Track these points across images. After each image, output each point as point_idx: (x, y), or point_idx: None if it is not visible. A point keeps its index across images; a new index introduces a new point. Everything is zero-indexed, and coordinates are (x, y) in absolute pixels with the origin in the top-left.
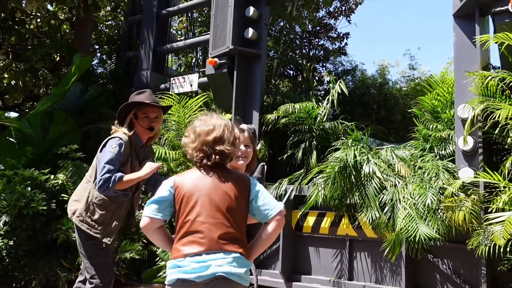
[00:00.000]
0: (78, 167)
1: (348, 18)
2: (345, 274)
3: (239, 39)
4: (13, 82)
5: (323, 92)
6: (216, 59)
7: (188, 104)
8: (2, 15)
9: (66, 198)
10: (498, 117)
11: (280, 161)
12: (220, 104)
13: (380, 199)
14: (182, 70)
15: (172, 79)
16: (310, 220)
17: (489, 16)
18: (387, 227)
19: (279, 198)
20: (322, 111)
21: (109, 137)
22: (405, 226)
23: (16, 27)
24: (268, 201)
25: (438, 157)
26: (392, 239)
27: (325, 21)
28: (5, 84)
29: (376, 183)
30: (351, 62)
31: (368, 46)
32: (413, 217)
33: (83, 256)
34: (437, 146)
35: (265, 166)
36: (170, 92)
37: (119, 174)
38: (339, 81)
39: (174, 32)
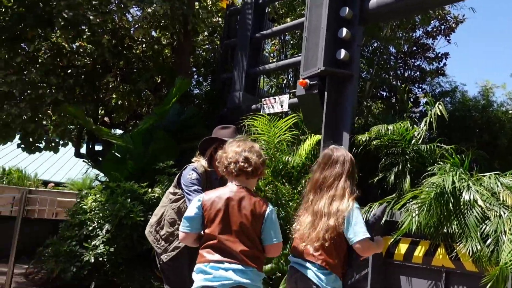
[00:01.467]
0: (172, 183)
1: (447, 38)
2: None
3: (331, 60)
4: (119, 102)
5: (418, 115)
6: (307, 80)
7: (278, 124)
8: (113, 41)
9: None
10: None
11: (371, 184)
12: (309, 125)
13: (482, 229)
14: (273, 91)
15: (263, 99)
16: (402, 247)
17: None
18: (489, 261)
19: (367, 222)
20: (418, 133)
21: (187, 166)
22: (510, 261)
23: (124, 52)
24: (272, 232)
25: None
26: (495, 274)
27: (422, 41)
28: (113, 104)
29: (477, 212)
30: (450, 83)
31: (470, 66)
32: None
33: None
34: None
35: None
36: (261, 113)
37: None
38: (438, 102)
39: (266, 54)
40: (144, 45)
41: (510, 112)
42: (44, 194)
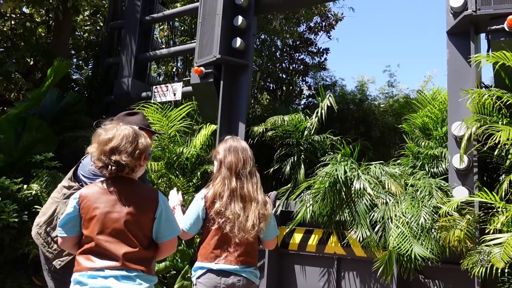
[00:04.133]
0: (53, 177)
1: (328, 34)
2: None
3: (227, 49)
4: None
5: (302, 106)
6: (202, 68)
7: (171, 114)
8: None
9: (40, 210)
10: (499, 138)
11: (266, 175)
12: (204, 114)
13: (371, 216)
14: (161, 79)
15: (154, 87)
16: (297, 237)
17: (484, 33)
18: (378, 246)
19: None
20: (311, 124)
21: (86, 155)
22: (398, 245)
23: None
24: (167, 226)
25: (429, 175)
26: (385, 258)
27: (305, 36)
28: None
29: (366, 200)
30: (331, 77)
31: (348, 61)
32: (406, 236)
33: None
34: (428, 164)
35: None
36: (152, 101)
37: None
38: (328, 94)
39: (157, 39)
40: (13, 21)
41: (382, 106)
42: None
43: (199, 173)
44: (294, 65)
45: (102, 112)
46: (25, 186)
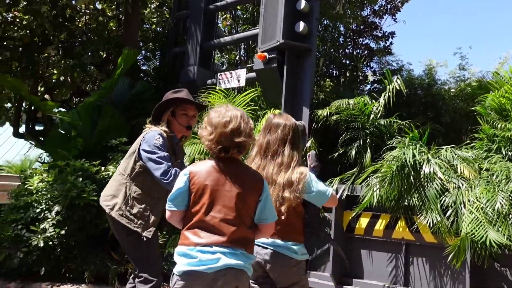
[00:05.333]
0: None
1: (393, 17)
2: (400, 279)
3: (290, 33)
4: (62, 78)
5: (366, 92)
6: (265, 54)
7: (236, 100)
8: (54, 12)
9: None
10: None
11: (331, 160)
12: (268, 99)
13: (442, 201)
14: (224, 68)
15: (219, 74)
16: (363, 221)
17: None
18: (449, 232)
19: None
20: (376, 108)
21: (145, 132)
22: (471, 231)
23: (66, 23)
24: (270, 209)
25: (506, 158)
26: (456, 244)
27: (369, 19)
28: (54, 80)
29: (437, 185)
30: (397, 61)
31: (415, 45)
32: (481, 221)
33: (127, 251)
34: (505, 147)
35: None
36: (217, 88)
37: (176, 169)
38: (396, 77)
39: (220, 28)
40: (87, 17)
41: (452, 90)
42: None
43: None
44: (358, 51)
45: None
46: (102, 168)
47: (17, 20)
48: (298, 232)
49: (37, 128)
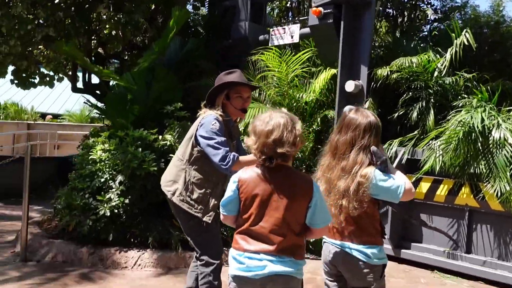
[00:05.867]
0: (184, 128)
1: None
2: (462, 246)
3: None
4: (113, 33)
5: (426, 33)
6: (320, 9)
7: (290, 59)
8: None
9: None
10: None
11: (390, 120)
12: (324, 57)
13: None
14: (275, 14)
15: (271, 30)
16: (424, 186)
17: None
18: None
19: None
20: (442, 64)
21: (201, 117)
22: None
23: None
24: (321, 214)
25: None
26: None
27: None
28: (107, 35)
29: (507, 152)
30: None
31: None
32: None
33: (189, 235)
34: None
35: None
36: (270, 45)
37: (233, 154)
38: (465, 30)
39: None
40: None
41: None
42: (44, 128)
43: (319, 119)
44: None
45: (221, 57)
46: (160, 137)
47: None
48: (371, 234)
49: (93, 81)
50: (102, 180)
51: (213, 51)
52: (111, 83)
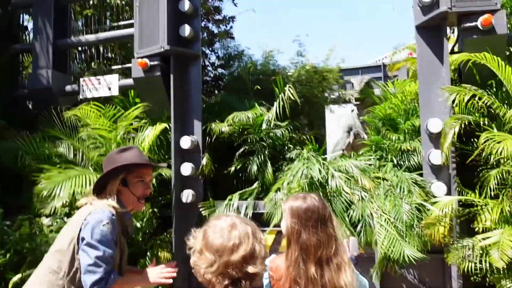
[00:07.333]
0: None
1: (234, 1)
2: None
3: (175, 38)
4: None
5: (210, 79)
6: (146, 60)
7: (119, 115)
8: None
9: None
10: (501, 149)
11: (226, 175)
12: (150, 112)
13: (349, 215)
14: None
15: (82, 80)
16: (269, 238)
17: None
18: (360, 245)
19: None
20: (270, 118)
21: (88, 211)
22: (388, 246)
23: None
24: None
25: (398, 167)
26: (381, 260)
27: (209, 3)
28: None
29: (344, 198)
30: (237, 46)
31: (254, 31)
32: (394, 236)
33: None
34: (396, 157)
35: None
36: (81, 97)
37: (112, 277)
38: (288, 86)
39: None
40: None
41: (292, 75)
42: None
43: (154, 180)
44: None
45: (13, 110)
46: None
47: None
48: None
49: None
50: None
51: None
52: None
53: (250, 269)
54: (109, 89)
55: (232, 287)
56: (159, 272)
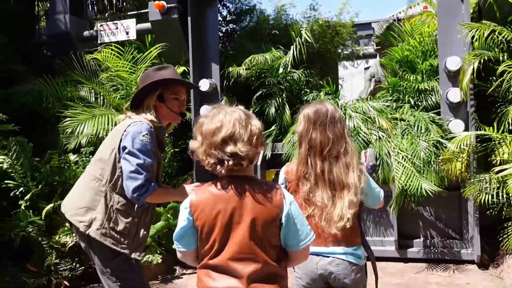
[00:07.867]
0: (22, 145)
1: None
2: None
3: None
4: None
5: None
6: (163, 2)
7: (139, 57)
8: None
9: (12, 185)
10: None
11: None
12: (168, 55)
13: None
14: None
15: (100, 25)
16: None
17: None
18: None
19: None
20: (287, 61)
21: (127, 123)
22: (405, 182)
23: None
24: (296, 233)
25: (415, 108)
26: (398, 195)
27: None
28: None
29: (361, 138)
30: (248, 1)
31: None
32: (412, 172)
33: (108, 280)
34: (413, 98)
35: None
36: (99, 42)
37: (153, 185)
38: (303, 29)
39: None
40: None
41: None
42: None
43: None
44: None
45: (33, 56)
46: None
47: None
48: (358, 234)
49: None
50: None
51: (20, 48)
52: None
53: (229, 149)
54: (127, 33)
55: (218, 165)
56: (195, 186)
